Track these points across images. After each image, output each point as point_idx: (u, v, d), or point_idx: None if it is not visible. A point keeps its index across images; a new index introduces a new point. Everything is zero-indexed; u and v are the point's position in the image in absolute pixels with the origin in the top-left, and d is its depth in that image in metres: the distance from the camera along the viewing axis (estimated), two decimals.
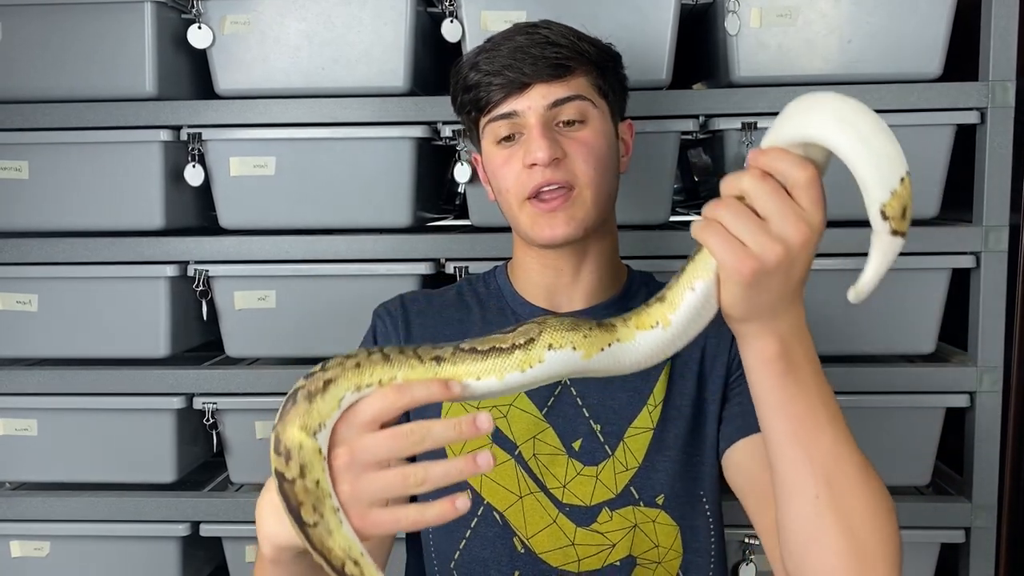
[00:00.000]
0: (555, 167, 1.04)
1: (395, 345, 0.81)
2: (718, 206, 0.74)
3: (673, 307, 0.77)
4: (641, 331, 0.78)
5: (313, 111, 1.49)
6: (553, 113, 1.06)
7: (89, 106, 1.50)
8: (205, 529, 1.55)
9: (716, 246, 0.73)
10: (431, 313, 1.18)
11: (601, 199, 1.08)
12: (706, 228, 0.74)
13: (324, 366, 0.73)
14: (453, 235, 1.52)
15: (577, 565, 1.07)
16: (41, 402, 1.54)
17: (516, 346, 0.76)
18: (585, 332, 0.77)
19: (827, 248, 1.47)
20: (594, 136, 1.07)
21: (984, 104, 1.44)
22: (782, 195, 0.72)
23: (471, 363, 0.76)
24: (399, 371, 0.75)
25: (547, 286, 1.14)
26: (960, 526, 1.50)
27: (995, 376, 1.47)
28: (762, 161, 0.73)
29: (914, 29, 1.44)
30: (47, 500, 1.56)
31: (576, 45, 1.08)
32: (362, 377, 0.73)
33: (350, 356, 0.75)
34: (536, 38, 1.06)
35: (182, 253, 1.52)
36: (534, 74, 1.05)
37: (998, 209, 1.45)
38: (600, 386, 1.10)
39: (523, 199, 1.06)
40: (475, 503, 1.09)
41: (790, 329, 0.79)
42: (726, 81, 1.49)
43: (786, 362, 0.79)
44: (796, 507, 0.82)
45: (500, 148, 1.08)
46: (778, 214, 0.72)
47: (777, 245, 0.72)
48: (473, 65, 1.09)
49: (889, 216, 0.69)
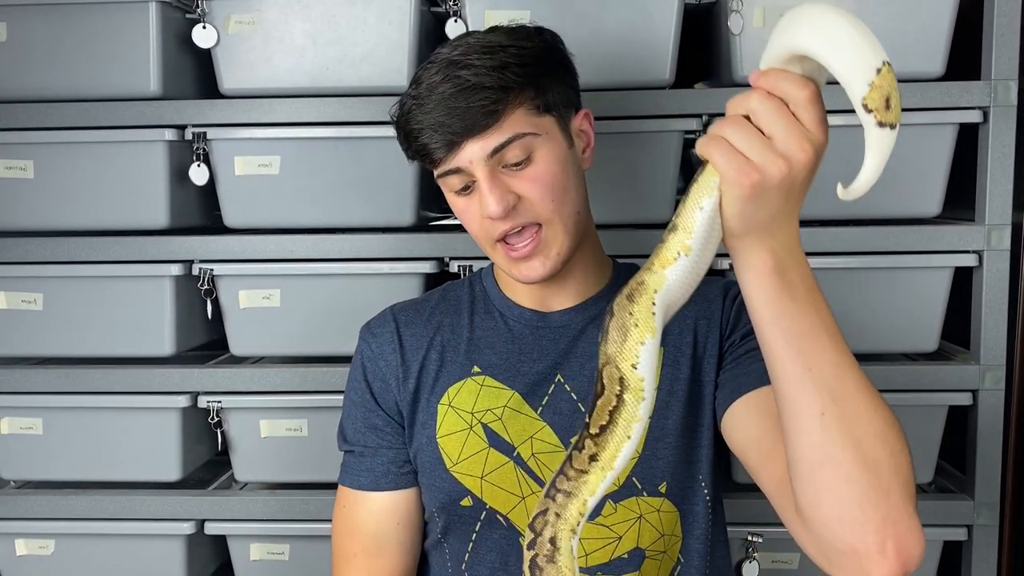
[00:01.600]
0: (514, 213, 1.02)
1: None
2: (724, 124, 0.75)
3: (688, 232, 0.78)
4: (667, 268, 0.79)
5: (317, 110, 1.50)
6: (496, 159, 1.02)
7: (94, 105, 1.50)
8: (210, 527, 1.55)
9: (720, 160, 0.74)
10: (420, 323, 1.18)
11: (571, 223, 1.06)
12: (711, 143, 0.75)
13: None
14: (457, 234, 1.52)
15: (585, 560, 1.07)
16: (46, 401, 1.55)
17: (619, 398, 0.79)
18: (634, 322, 0.79)
19: (828, 247, 1.48)
20: (545, 167, 1.03)
21: (986, 103, 1.44)
22: (786, 113, 0.73)
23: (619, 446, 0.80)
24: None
25: (533, 292, 1.15)
26: (962, 524, 1.50)
27: (998, 374, 1.47)
28: (764, 81, 0.74)
29: (916, 28, 1.44)
30: (52, 498, 1.56)
31: (502, 79, 1.01)
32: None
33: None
34: (460, 83, 1.01)
35: (187, 252, 1.53)
36: (464, 130, 1.01)
37: (1000, 208, 1.46)
38: (594, 382, 1.10)
39: (493, 242, 1.06)
40: (476, 508, 1.10)
41: (784, 246, 0.79)
42: (729, 80, 1.49)
43: (780, 277, 0.79)
44: (803, 428, 0.80)
45: (459, 197, 1.07)
46: (783, 131, 0.73)
47: (780, 161, 0.73)
48: (407, 118, 1.05)
49: (872, 108, 0.69)
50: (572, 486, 0.80)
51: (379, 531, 1.15)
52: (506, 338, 1.14)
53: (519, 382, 1.11)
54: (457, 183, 1.05)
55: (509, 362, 1.12)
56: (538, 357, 1.12)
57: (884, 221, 1.49)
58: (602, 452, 0.80)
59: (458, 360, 1.14)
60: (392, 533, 1.16)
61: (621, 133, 1.47)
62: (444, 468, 1.11)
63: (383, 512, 1.15)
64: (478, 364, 1.13)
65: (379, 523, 1.15)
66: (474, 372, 1.13)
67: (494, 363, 1.13)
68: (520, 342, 1.13)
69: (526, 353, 1.13)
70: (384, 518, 1.15)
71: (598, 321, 1.13)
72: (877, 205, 1.48)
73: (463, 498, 1.10)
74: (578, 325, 1.13)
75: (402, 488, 1.15)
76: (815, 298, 0.81)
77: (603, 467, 0.80)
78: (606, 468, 0.80)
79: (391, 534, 1.16)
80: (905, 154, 1.46)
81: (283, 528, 1.54)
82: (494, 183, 1.02)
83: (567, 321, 1.14)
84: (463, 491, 1.10)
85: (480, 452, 1.10)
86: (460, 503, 1.10)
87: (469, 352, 1.14)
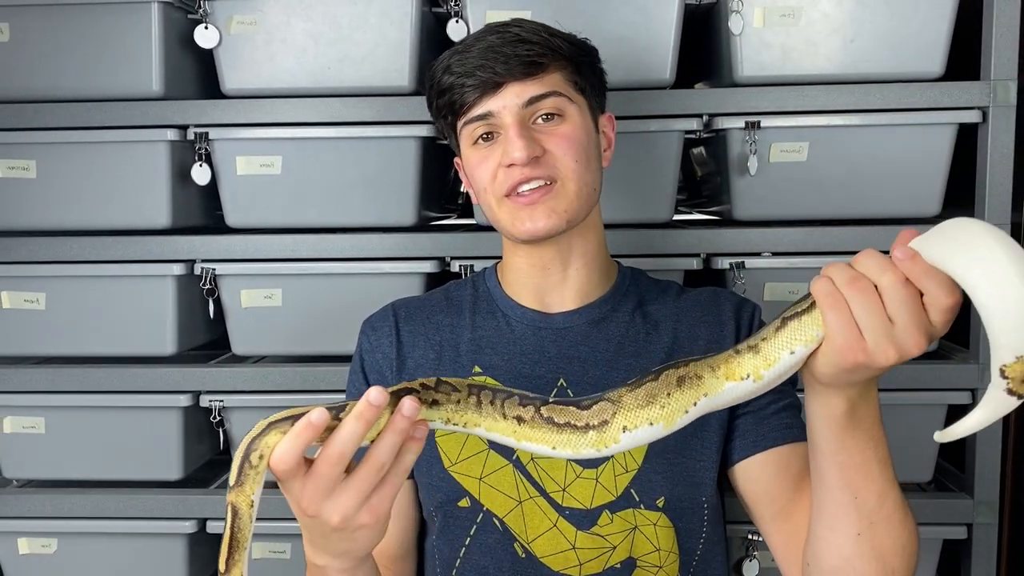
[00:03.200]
0: (534, 165, 1.04)
1: (491, 389, 0.83)
2: (851, 285, 0.72)
3: (768, 363, 0.77)
4: (731, 382, 0.78)
5: (319, 110, 1.50)
6: (529, 111, 1.05)
7: (96, 106, 1.51)
8: (212, 526, 1.55)
9: (834, 324, 0.73)
10: (419, 320, 1.18)
11: (584, 192, 1.07)
12: (831, 300, 0.73)
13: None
14: (458, 233, 1.53)
15: (579, 569, 1.07)
16: (49, 400, 1.55)
17: (590, 426, 0.78)
18: (663, 402, 0.78)
19: (827, 247, 1.48)
20: (573, 129, 1.07)
21: (986, 103, 1.44)
22: (918, 306, 0.71)
23: (549, 432, 0.79)
24: (484, 421, 0.81)
25: (536, 286, 1.14)
26: (962, 522, 1.51)
27: None
28: (911, 269, 0.71)
29: (916, 29, 1.44)
30: (54, 497, 1.57)
31: (549, 41, 1.07)
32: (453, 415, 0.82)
33: (471, 391, 0.81)
34: (508, 36, 1.06)
35: (189, 252, 1.53)
36: (507, 73, 1.04)
37: (1000, 208, 1.46)
38: (597, 387, 1.09)
39: (501, 196, 1.06)
40: (474, 510, 1.10)
41: (861, 392, 0.80)
42: (729, 80, 1.49)
43: (849, 419, 0.81)
44: (836, 541, 0.87)
45: (477, 148, 1.08)
46: (908, 324, 0.71)
47: (892, 350, 0.72)
48: (446, 68, 1.08)
49: (1008, 376, 0.67)
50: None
51: None
52: (508, 339, 1.14)
53: (520, 384, 1.10)
54: (481, 130, 1.07)
55: (511, 363, 1.12)
56: (539, 359, 1.12)
57: (884, 221, 1.49)
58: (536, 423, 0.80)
59: (459, 360, 1.14)
60: None
61: (622, 133, 1.45)
62: (442, 467, 1.10)
63: None
64: (479, 364, 1.13)
65: None
66: (475, 372, 1.13)
67: (495, 364, 1.13)
68: (522, 343, 1.13)
69: (528, 355, 1.12)
70: None
71: (600, 325, 1.13)
72: (877, 204, 1.49)
73: (461, 499, 1.10)
74: (580, 328, 1.13)
75: None
76: (876, 432, 0.84)
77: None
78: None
79: None
80: (905, 154, 1.47)
81: (285, 527, 1.54)
82: (523, 129, 1.04)
83: (570, 323, 1.14)
84: (461, 491, 1.10)
85: (480, 453, 1.10)
86: (458, 503, 1.09)
87: (470, 352, 1.14)
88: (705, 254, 1.50)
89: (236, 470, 0.76)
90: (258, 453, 0.75)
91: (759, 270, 1.49)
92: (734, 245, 1.50)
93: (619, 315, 1.14)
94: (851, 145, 1.47)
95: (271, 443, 0.75)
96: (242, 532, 0.77)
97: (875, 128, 1.46)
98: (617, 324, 1.13)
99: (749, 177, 1.47)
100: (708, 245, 1.50)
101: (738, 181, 1.49)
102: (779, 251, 1.49)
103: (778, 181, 1.48)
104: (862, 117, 1.46)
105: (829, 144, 1.47)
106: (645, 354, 1.12)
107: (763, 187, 1.48)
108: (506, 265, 1.18)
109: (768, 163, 1.47)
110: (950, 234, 0.70)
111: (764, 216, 1.50)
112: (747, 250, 1.49)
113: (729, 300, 1.16)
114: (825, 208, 1.49)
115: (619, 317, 1.14)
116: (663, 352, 1.12)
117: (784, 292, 1.50)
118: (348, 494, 0.75)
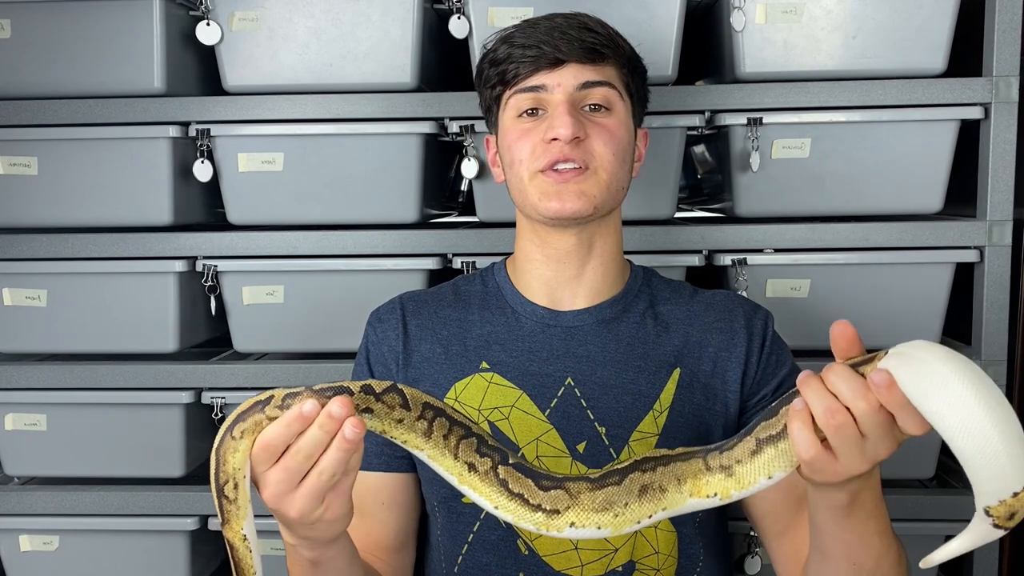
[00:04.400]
0: (574, 145, 1.05)
1: (451, 420, 0.82)
2: (830, 420, 0.73)
3: (741, 486, 0.76)
4: (695, 499, 0.77)
5: (321, 107, 1.50)
6: (581, 95, 1.07)
7: (98, 102, 1.51)
8: (213, 523, 1.55)
9: (803, 449, 0.74)
10: (427, 314, 1.18)
11: (615, 185, 1.08)
12: (803, 433, 0.74)
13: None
14: (460, 230, 1.52)
15: (580, 570, 1.07)
16: (50, 397, 1.55)
17: (542, 508, 0.78)
18: (618, 511, 0.77)
19: (829, 243, 1.48)
20: (617, 125, 1.08)
21: (988, 99, 1.44)
22: (890, 425, 0.73)
23: (497, 493, 0.79)
24: (429, 449, 0.81)
25: (549, 281, 1.14)
26: (964, 519, 1.50)
27: (999, 370, 1.48)
28: (887, 399, 0.72)
29: (918, 25, 1.44)
30: (56, 494, 1.57)
31: (613, 37, 1.10)
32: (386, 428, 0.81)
33: (424, 413, 0.81)
34: (574, 22, 1.08)
35: (190, 248, 1.53)
36: (569, 52, 1.06)
37: (1002, 204, 1.46)
38: (605, 389, 1.10)
39: (535, 171, 1.07)
40: (478, 506, 1.09)
41: (862, 484, 0.82)
42: (731, 77, 1.49)
43: (851, 507, 0.83)
44: None
45: (519, 121, 1.09)
46: (879, 440, 0.74)
47: (865, 464, 0.75)
48: (506, 38, 1.10)
49: (993, 515, 0.68)
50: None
51: (361, 503, 1.09)
52: (516, 335, 1.13)
53: (528, 382, 1.11)
54: (528, 103, 1.08)
55: (518, 360, 1.12)
56: (548, 357, 1.11)
57: (886, 217, 1.49)
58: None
59: (466, 355, 1.13)
60: (375, 511, 1.12)
61: None
62: None
63: (369, 491, 1.12)
64: (487, 360, 1.12)
65: (363, 499, 1.11)
66: (482, 368, 1.12)
67: (503, 360, 1.12)
68: (530, 340, 1.13)
69: (536, 352, 1.12)
70: (370, 496, 1.12)
71: (611, 325, 1.13)
72: (879, 201, 1.49)
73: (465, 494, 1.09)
74: (590, 327, 1.13)
75: (393, 471, 1.13)
76: (878, 510, 0.86)
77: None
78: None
79: (373, 512, 1.12)
80: (907, 150, 1.47)
81: None
82: (573, 108, 1.06)
83: (580, 321, 1.13)
84: None
85: None
86: (462, 499, 1.09)
87: (478, 348, 1.13)
88: (707, 251, 1.50)
89: (218, 508, 0.78)
90: (231, 484, 0.77)
91: (761, 267, 1.49)
92: (736, 241, 1.50)
93: (630, 316, 1.14)
94: (853, 141, 1.47)
95: (237, 463, 0.77)
96: (244, 562, 0.79)
97: (877, 124, 1.46)
98: (628, 325, 1.13)
99: (751, 173, 1.47)
100: (710, 242, 1.50)
101: (740, 177, 1.49)
102: (781, 247, 1.49)
103: (780, 177, 1.48)
104: (864, 113, 1.46)
105: (831, 140, 1.47)
106: (655, 356, 1.12)
107: (765, 183, 1.48)
108: (518, 258, 1.17)
109: (770, 159, 1.47)
110: (922, 370, 0.69)
111: (766, 212, 1.50)
112: (749, 246, 1.49)
113: (742, 307, 1.16)
114: (827, 204, 1.49)
115: (630, 318, 1.14)
116: (673, 355, 1.12)
117: (786, 289, 1.50)
118: (302, 496, 0.77)
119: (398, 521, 1.14)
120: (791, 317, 1.45)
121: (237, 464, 0.77)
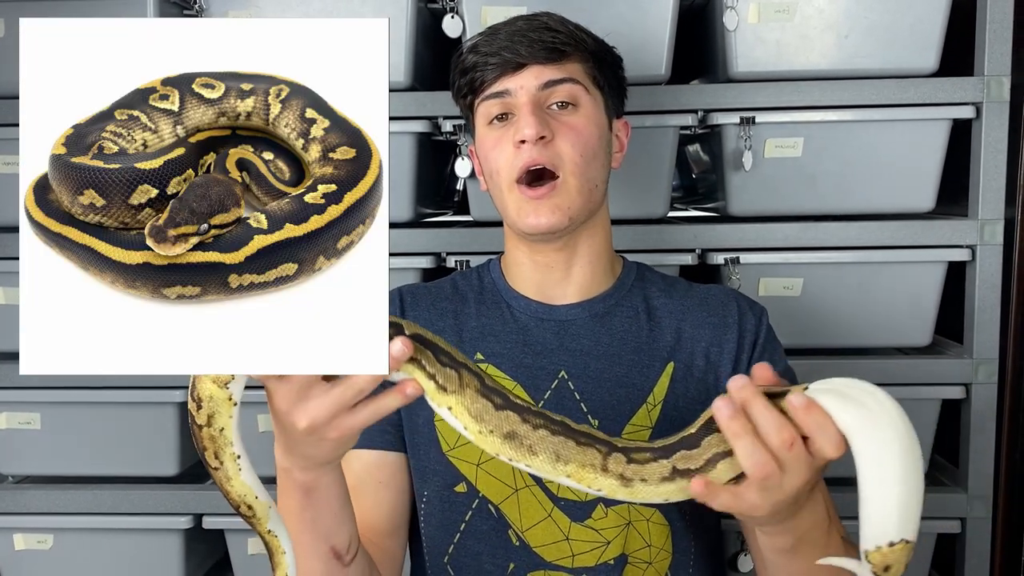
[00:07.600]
0: (542, 146, 1.05)
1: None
2: (757, 455, 0.75)
3: (633, 497, 0.80)
4: (573, 482, 0.79)
5: None
6: (545, 94, 1.08)
7: None
8: (208, 522, 1.55)
9: (728, 501, 0.78)
10: (425, 305, 1.18)
11: (587, 188, 1.08)
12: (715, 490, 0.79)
13: None
14: (454, 229, 1.53)
15: (571, 561, 1.07)
16: (44, 396, 1.55)
17: (435, 379, 0.78)
18: (482, 429, 0.78)
19: (821, 242, 1.49)
20: (584, 122, 1.09)
21: (979, 99, 1.45)
22: (807, 462, 0.75)
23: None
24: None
25: (538, 282, 1.15)
26: (956, 516, 1.51)
27: (990, 368, 1.49)
28: (804, 421, 0.74)
29: (910, 24, 1.45)
30: (50, 493, 1.57)
31: (574, 33, 1.11)
32: None
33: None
34: (535, 24, 1.09)
35: None
36: (529, 55, 1.07)
37: (993, 203, 1.47)
38: (599, 382, 1.11)
39: (512, 181, 1.08)
40: (470, 496, 1.10)
41: (804, 522, 0.84)
42: (724, 76, 1.50)
43: (796, 544, 0.85)
44: None
45: (491, 129, 1.10)
46: (794, 472, 0.75)
47: (781, 496, 0.76)
48: (473, 48, 1.11)
49: (871, 562, 0.69)
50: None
51: (358, 483, 1.09)
52: (511, 328, 1.14)
53: (522, 373, 1.11)
54: (496, 108, 1.10)
55: (512, 352, 1.12)
56: (541, 350, 1.12)
57: (878, 216, 1.50)
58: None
59: (461, 347, 1.14)
60: (372, 491, 1.11)
61: None
62: (439, 451, 1.10)
63: (366, 469, 1.11)
64: (482, 351, 1.13)
65: (360, 478, 1.10)
66: (477, 359, 1.13)
67: (497, 352, 1.13)
68: (525, 333, 1.14)
69: (530, 344, 1.13)
70: (366, 475, 1.11)
71: (604, 319, 1.14)
72: (871, 200, 1.49)
73: (458, 484, 1.10)
74: (583, 320, 1.14)
75: (392, 450, 1.12)
76: (827, 538, 0.87)
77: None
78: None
79: (370, 492, 1.11)
80: (899, 150, 1.47)
81: None
82: (536, 108, 1.07)
83: (572, 315, 1.14)
84: (458, 476, 1.10)
85: None
86: (455, 488, 1.09)
87: (473, 340, 1.14)
88: (700, 249, 1.51)
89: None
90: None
91: (754, 265, 1.49)
92: (729, 240, 1.50)
93: (623, 310, 1.15)
94: (845, 140, 1.47)
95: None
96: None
97: (869, 123, 1.47)
98: (620, 319, 1.14)
99: (744, 173, 1.47)
100: (703, 240, 1.51)
101: (733, 177, 1.49)
102: (774, 246, 1.50)
103: (773, 177, 1.48)
104: (856, 113, 1.46)
105: (824, 139, 1.47)
106: (648, 349, 1.12)
107: (758, 183, 1.49)
108: (509, 258, 1.19)
109: (763, 158, 1.48)
110: (863, 401, 0.72)
111: (759, 211, 1.51)
112: (742, 245, 1.50)
113: (736, 302, 1.16)
114: (820, 203, 1.50)
115: (623, 312, 1.15)
116: (666, 349, 1.12)
117: (779, 287, 1.50)
118: (320, 402, 0.75)
119: (392, 502, 1.13)
120: (784, 316, 1.45)
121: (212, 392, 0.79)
